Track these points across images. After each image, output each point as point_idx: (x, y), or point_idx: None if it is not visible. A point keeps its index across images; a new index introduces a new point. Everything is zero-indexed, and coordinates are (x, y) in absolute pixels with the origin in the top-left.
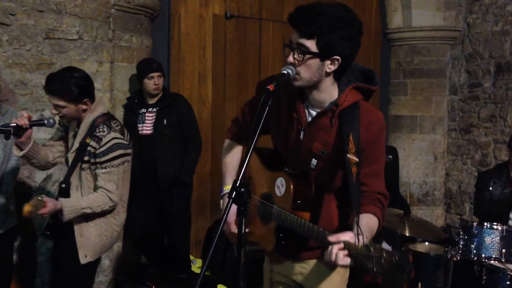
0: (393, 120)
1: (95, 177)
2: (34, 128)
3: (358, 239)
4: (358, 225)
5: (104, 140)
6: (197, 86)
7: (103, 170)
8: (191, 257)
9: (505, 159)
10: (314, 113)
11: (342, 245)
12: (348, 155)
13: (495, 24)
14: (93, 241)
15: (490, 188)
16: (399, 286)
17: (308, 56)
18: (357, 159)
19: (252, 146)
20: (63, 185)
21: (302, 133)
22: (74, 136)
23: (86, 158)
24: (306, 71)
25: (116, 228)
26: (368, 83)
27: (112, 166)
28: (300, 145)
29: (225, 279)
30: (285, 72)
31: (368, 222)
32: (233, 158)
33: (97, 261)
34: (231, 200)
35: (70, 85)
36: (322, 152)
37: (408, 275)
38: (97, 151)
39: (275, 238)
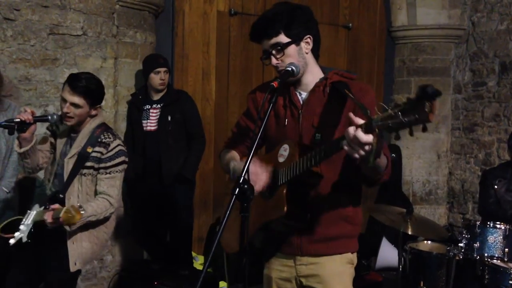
0: None
1: (95, 182)
2: (38, 124)
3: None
4: (364, 110)
5: (112, 146)
6: (200, 83)
7: (107, 176)
8: (194, 254)
9: (509, 159)
10: (305, 95)
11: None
12: (351, 96)
13: (500, 23)
14: (85, 249)
15: (495, 186)
16: (424, 117)
17: (285, 47)
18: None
19: (256, 142)
20: (61, 196)
21: (300, 116)
22: (69, 143)
23: (89, 164)
24: (292, 60)
25: (106, 236)
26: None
27: (116, 172)
28: (301, 128)
29: (227, 276)
30: (289, 68)
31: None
32: (232, 155)
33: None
34: (234, 196)
35: (94, 87)
36: (324, 124)
37: (430, 102)
38: (104, 156)
39: (285, 198)
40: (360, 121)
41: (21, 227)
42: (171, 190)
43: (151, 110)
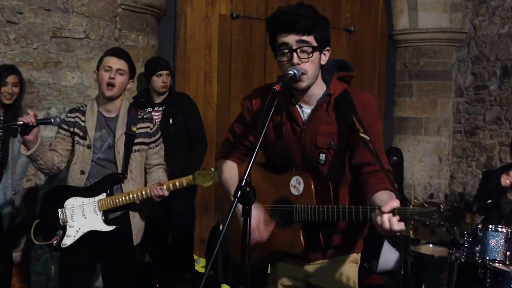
0: (398, 121)
1: (145, 157)
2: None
3: (406, 203)
4: (395, 191)
5: (154, 120)
6: (202, 86)
7: (157, 148)
8: (195, 256)
9: (510, 161)
10: (308, 111)
11: (390, 213)
12: (361, 135)
13: (502, 27)
14: (142, 222)
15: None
16: (463, 227)
17: (313, 51)
18: (368, 138)
19: (258, 145)
20: (126, 175)
21: (302, 133)
22: (103, 127)
23: (140, 140)
24: (312, 67)
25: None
26: (344, 71)
27: (161, 144)
28: (303, 145)
29: (229, 279)
30: (291, 72)
31: (391, 195)
32: (231, 174)
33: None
34: (236, 199)
35: (131, 57)
36: (329, 144)
37: (471, 215)
38: (152, 130)
39: (303, 237)
40: (394, 204)
41: (74, 223)
42: (172, 192)
43: (152, 113)
